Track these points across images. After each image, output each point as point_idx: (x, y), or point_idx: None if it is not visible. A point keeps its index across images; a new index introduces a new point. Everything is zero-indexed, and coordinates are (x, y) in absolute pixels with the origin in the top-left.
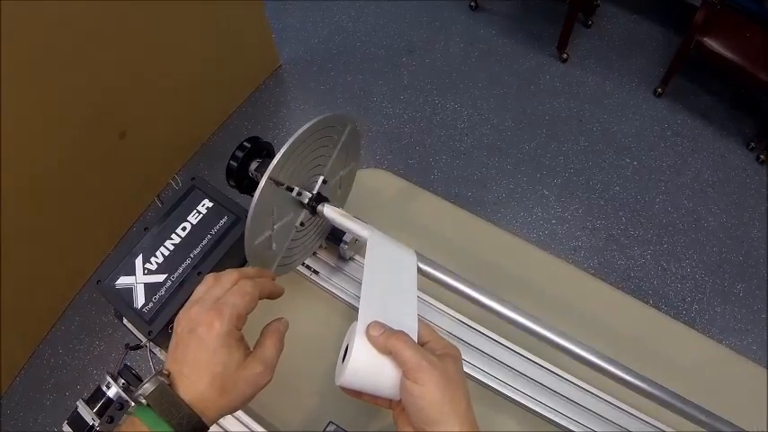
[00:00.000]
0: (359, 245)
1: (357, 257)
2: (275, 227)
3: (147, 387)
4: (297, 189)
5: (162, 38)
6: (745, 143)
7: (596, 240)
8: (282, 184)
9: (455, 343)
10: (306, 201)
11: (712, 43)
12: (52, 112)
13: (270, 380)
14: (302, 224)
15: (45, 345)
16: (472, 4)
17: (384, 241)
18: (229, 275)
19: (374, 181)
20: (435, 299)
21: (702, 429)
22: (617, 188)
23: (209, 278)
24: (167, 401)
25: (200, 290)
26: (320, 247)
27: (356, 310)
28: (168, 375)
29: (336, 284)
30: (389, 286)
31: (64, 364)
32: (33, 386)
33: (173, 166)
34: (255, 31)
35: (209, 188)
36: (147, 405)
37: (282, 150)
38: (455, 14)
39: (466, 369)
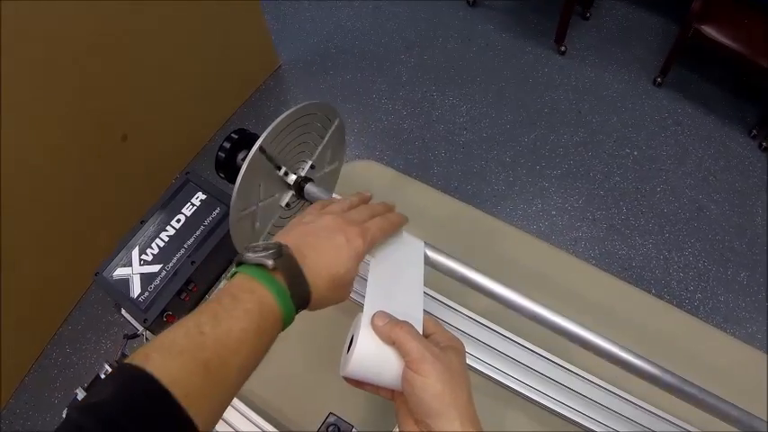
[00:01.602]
0: None
1: None
2: (260, 204)
3: (273, 251)
4: (284, 169)
5: (163, 42)
6: (747, 131)
7: (597, 231)
8: (272, 160)
9: (462, 338)
10: (292, 181)
11: (710, 31)
12: (56, 116)
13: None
14: (288, 205)
15: (53, 344)
16: (470, 0)
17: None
18: (366, 209)
19: (364, 172)
20: (442, 294)
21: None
22: (617, 178)
23: (342, 201)
24: (294, 272)
25: (332, 205)
26: None
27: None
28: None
29: None
30: (396, 278)
31: (71, 363)
32: (42, 385)
33: (176, 167)
34: (254, 33)
35: (203, 181)
36: (262, 268)
37: (274, 123)
38: (453, 11)
39: (475, 365)
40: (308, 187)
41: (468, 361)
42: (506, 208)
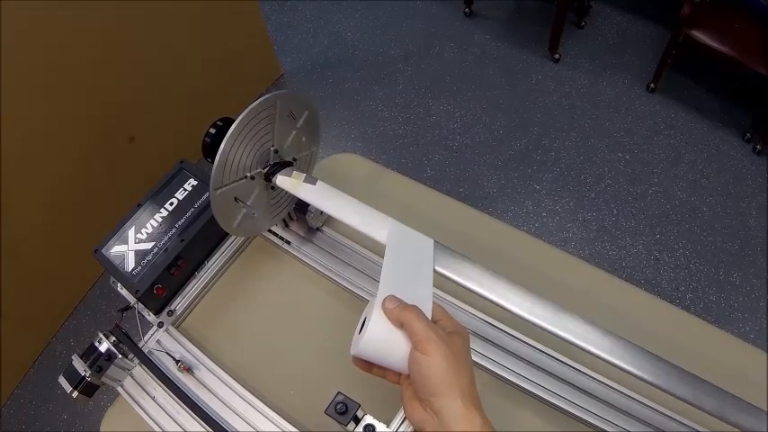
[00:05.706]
0: (325, 216)
1: (325, 228)
2: (248, 203)
3: None
4: (249, 174)
5: (168, 53)
6: (741, 134)
7: (587, 232)
8: (231, 183)
9: (470, 336)
10: (263, 176)
11: (700, 35)
12: (68, 120)
13: None
14: (273, 188)
15: (57, 338)
16: (466, 10)
17: (402, 227)
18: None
19: (344, 165)
20: (450, 294)
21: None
22: (608, 181)
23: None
24: None
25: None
26: (291, 219)
27: (327, 278)
28: None
29: (306, 253)
30: (407, 270)
31: None
32: (46, 377)
33: None
34: (256, 43)
35: (195, 169)
36: None
37: (216, 160)
38: (450, 22)
39: (484, 363)
40: (276, 180)
41: (476, 359)
42: (497, 210)
